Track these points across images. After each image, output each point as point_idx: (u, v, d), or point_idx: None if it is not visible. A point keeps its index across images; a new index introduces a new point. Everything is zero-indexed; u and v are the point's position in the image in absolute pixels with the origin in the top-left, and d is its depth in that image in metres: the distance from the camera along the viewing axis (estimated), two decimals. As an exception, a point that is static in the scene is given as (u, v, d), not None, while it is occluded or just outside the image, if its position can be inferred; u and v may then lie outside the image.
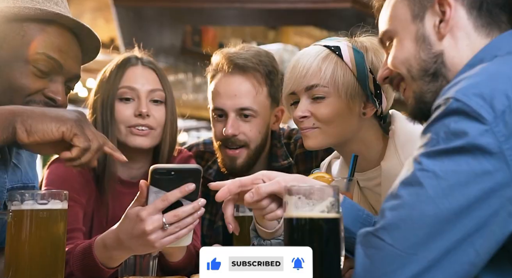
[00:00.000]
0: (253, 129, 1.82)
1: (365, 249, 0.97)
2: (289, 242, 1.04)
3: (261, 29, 6.54)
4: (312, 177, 1.36)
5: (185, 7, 4.26)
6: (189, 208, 1.13)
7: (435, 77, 1.13)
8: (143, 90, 1.67)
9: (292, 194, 1.04)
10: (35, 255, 1.08)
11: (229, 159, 1.84)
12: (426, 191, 0.94)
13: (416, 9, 1.15)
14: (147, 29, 4.61)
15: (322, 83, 1.47)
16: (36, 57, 1.33)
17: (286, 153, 1.91)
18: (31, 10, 1.33)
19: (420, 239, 0.93)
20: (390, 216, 0.96)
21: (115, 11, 4.20)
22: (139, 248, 1.19)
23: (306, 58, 1.50)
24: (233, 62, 1.81)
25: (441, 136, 0.95)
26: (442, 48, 1.12)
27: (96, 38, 1.46)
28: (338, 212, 1.04)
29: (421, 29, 1.14)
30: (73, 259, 1.29)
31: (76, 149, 1.10)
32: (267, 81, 1.84)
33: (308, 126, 1.50)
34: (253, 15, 4.58)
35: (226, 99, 1.81)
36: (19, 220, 1.08)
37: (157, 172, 1.13)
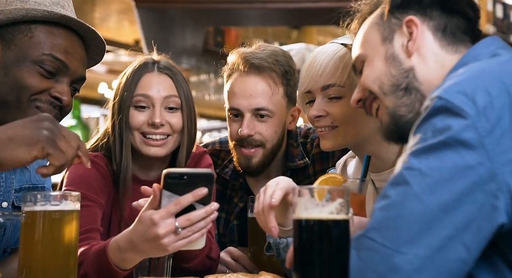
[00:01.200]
0: (269, 129, 1.82)
1: (358, 252, 0.99)
2: (298, 244, 1.04)
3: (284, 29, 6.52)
4: (324, 177, 1.35)
5: (207, 8, 4.27)
6: (201, 212, 1.14)
7: (408, 91, 1.17)
8: (157, 98, 1.66)
9: (301, 195, 1.03)
10: (48, 256, 1.10)
11: (244, 158, 1.84)
12: (413, 188, 0.95)
13: (386, 32, 1.22)
14: (170, 31, 4.64)
15: (339, 83, 1.46)
16: (42, 58, 1.37)
17: (302, 153, 1.91)
18: (38, 12, 1.37)
19: (410, 237, 0.94)
20: (379, 216, 0.99)
21: (138, 13, 4.24)
22: (152, 251, 1.20)
23: (323, 56, 1.49)
24: (249, 62, 1.81)
25: (429, 135, 0.97)
26: (412, 65, 1.17)
27: (101, 41, 1.50)
28: (347, 214, 1.03)
29: (391, 49, 1.20)
30: (87, 260, 1.31)
31: (51, 167, 1.10)
32: (283, 81, 1.83)
33: (325, 125, 1.48)
34: (274, 15, 4.57)
35: (242, 100, 1.81)
36: (32, 221, 1.09)
37: (170, 176, 1.14)
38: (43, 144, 1.08)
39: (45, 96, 1.38)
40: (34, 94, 1.37)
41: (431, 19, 1.19)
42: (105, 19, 8.05)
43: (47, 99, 1.38)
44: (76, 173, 1.62)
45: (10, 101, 1.35)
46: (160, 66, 1.72)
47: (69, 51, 1.41)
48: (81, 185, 1.56)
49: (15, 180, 1.47)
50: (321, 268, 1.00)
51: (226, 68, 1.87)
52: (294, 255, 1.05)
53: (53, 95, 1.39)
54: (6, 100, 1.35)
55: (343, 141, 1.49)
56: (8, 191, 1.44)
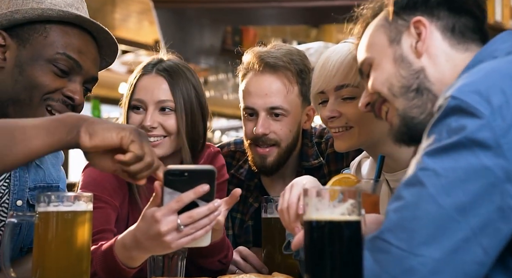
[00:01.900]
0: (283, 128, 1.81)
1: (373, 254, 0.97)
2: (309, 245, 1.03)
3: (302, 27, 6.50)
4: (337, 178, 1.34)
5: (224, 7, 4.28)
6: (204, 209, 1.13)
7: (419, 92, 1.15)
8: (150, 102, 1.66)
9: (312, 196, 1.03)
10: (61, 256, 1.11)
11: (259, 157, 1.84)
12: (428, 189, 0.94)
13: (393, 34, 1.20)
14: (188, 31, 4.66)
15: (352, 84, 1.45)
16: (56, 57, 1.39)
17: (317, 152, 1.90)
18: (54, 12, 1.39)
19: (425, 238, 0.93)
20: (394, 217, 0.97)
21: (156, 13, 4.26)
22: (156, 249, 1.20)
23: (336, 56, 1.47)
24: (264, 61, 1.80)
25: (444, 135, 0.95)
26: (422, 65, 1.15)
27: (114, 43, 1.52)
28: (359, 215, 1.02)
29: (399, 50, 1.18)
30: (96, 259, 1.32)
31: (130, 153, 1.11)
32: (298, 80, 1.82)
33: (338, 125, 1.47)
34: (291, 14, 4.56)
35: (257, 98, 1.80)
36: (45, 221, 1.10)
37: (171, 173, 1.13)
38: (132, 131, 1.12)
39: (57, 95, 1.40)
40: (47, 93, 1.39)
41: (438, 19, 1.17)
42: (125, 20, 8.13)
43: (59, 98, 1.41)
44: (90, 176, 1.64)
45: (23, 100, 1.37)
46: (159, 68, 1.70)
47: (83, 51, 1.44)
48: (95, 188, 1.57)
49: (29, 179, 1.50)
50: (332, 269, 0.99)
51: (241, 67, 1.88)
52: (305, 256, 1.04)
53: (66, 94, 1.41)
54: (19, 98, 1.37)
55: (357, 141, 1.47)
56: (23, 189, 1.47)
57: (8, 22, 1.39)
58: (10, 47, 1.39)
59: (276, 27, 5.82)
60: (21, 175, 1.47)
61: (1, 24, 1.39)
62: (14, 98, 1.37)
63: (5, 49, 1.39)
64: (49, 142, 1.10)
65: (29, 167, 1.50)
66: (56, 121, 1.13)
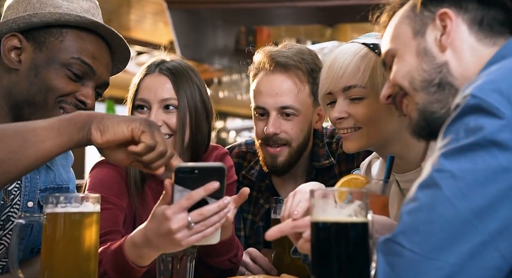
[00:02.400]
0: (294, 127, 1.81)
1: (385, 257, 0.95)
2: (315, 247, 1.02)
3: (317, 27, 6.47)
4: (346, 179, 1.32)
5: (237, 8, 4.29)
6: (214, 206, 1.13)
7: (441, 87, 1.12)
8: (154, 101, 1.67)
9: (318, 197, 1.02)
10: (69, 257, 1.11)
11: (270, 157, 1.83)
12: (443, 192, 0.91)
13: (417, 26, 1.16)
14: (201, 31, 4.67)
15: (360, 84, 1.43)
16: (71, 61, 1.42)
17: (328, 153, 1.89)
18: (71, 17, 1.42)
19: (440, 242, 0.90)
20: (408, 219, 0.94)
21: (169, 14, 4.28)
22: (166, 247, 1.20)
23: (344, 57, 1.46)
24: (275, 60, 1.80)
25: (461, 135, 0.92)
26: (446, 59, 1.12)
27: (127, 49, 1.54)
28: (366, 216, 1.01)
29: (423, 43, 1.15)
30: (105, 258, 1.32)
31: (142, 144, 1.13)
32: (309, 79, 1.82)
33: (347, 126, 1.46)
34: (305, 13, 4.55)
35: (268, 98, 1.80)
36: (53, 222, 1.11)
37: (181, 170, 1.13)
38: (142, 122, 1.14)
39: (70, 99, 1.43)
40: (61, 96, 1.41)
41: (466, 11, 1.13)
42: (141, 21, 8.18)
43: (72, 102, 1.43)
44: (97, 177, 1.65)
45: (38, 102, 1.39)
46: (163, 68, 1.70)
47: (97, 57, 1.46)
48: (102, 189, 1.58)
49: (40, 180, 1.51)
50: (339, 271, 0.99)
51: (252, 67, 1.87)
52: (311, 258, 1.03)
53: (79, 98, 1.43)
54: (34, 100, 1.40)
55: (367, 142, 1.46)
56: (33, 190, 1.48)
57: (25, 25, 1.41)
58: (26, 49, 1.41)
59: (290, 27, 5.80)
60: (32, 176, 1.48)
61: (18, 27, 1.41)
62: (29, 100, 1.40)
63: (21, 51, 1.42)
64: (61, 142, 1.12)
65: (40, 169, 1.52)
66: (66, 121, 1.14)
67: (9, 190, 1.44)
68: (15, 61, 1.41)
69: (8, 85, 1.41)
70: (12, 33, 1.41)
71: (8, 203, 1.44)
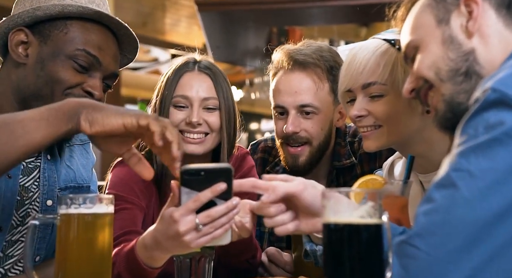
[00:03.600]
0: (314, 126, 1.78)
1: (400, 259, 0.91)
2: (327, 249, 0.99)
3: (351, 27, 6.39)
4: (363, 179, 1.29)
5: (269, 8, 4.26)
6: (222, 208, 1.12)
7: (468, 76, 1.06)
8: (196, 99, 1.68)
9: (329, 198, 0.99)
10: (82, 258, 1.11)
11: (291, 157, 1.81)
12: (461, 192, 0.87)
13: (441, 13, 1.11)
14: (233, 33, 4.67)
15: (380, 81, 1.39)
16: (76, 53, 1.42)
17: (350, 152, 1.85)
18: (73, 8, 1.42)
19: (458, 245, 0.86)
20: (424, 221, 0.90)
21: (200, 16, 4.30)
22: (175, 249, 1.19)
23: (363, 53, 1.43)
24: (293, 58, 1.78)
25: (480, 131, 0.88)
26: (473, 46, 1.06)
27: (134, 39, 1.53)
28: (380, 218, 0.98)
29: (448, 31, 1.09)
30: (119, 260, 1.33)
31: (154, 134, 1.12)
32: (329, 77, 1.79)
33: (367, 124, 1.42)
34: (338, 12, 4.48)
35: (287, 96, 1.78)
36: (66, 223, 1.11)
37: (187, 172, 1.12)
38: (134, 115, 1.13)
39: (78, 91, 1.43)
40: (68, 88, 1.41)
41: None
42: (176, 25, 8.27)
43: (80, 94, 1.43)
44: (118, 176, 1.66)
45: (45, 95, 1.40)
46: (201, 66, 1.73)
47: (102, 47, 1.45)
48: (122, 188, 1.59)
49: (59, 179, 1.53)
50: (351, 274, 0.96)
51: (271, 66, 1.85)
52: (323, 260, 1.00)
53: (86, 89, 1.43)
54: (41, 94, 1.40)
55: (387, 140, 1.42)
56: (52, 189, 1.50)
57: (30, 19, 1.42)
58: (32, 43, 1.42)
59: (322, 27, 5.74)
60: (50, 175, 1.50)
61: (24, 21, 1.42)
62: (36, 94, 1.40)
63: (28, 45, 1.43)
64: (50, 132, 1.12)
65: (58, 168, 1.53)
66: (55, 110, 1.14)
67: (26, 186, 1.46)
68: (22, 56, 1.42)
69: (17, 80, 1.43)
70: (18, 28, 1.43)
71: (27, 199, 1.46)
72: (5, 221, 1.40)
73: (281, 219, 1.13)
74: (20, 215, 1.44)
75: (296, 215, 1.14)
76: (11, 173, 1.41)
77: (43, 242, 1.48)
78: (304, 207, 1.12)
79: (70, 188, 1.54)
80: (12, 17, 1.43)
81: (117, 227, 1.47)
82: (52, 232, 1.49)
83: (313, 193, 1.11)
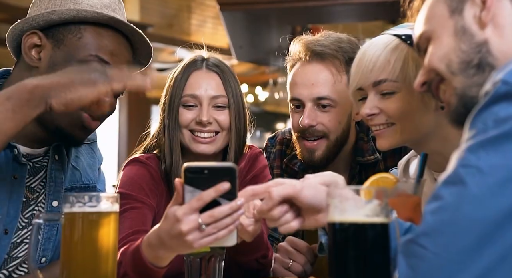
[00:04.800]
0: (332, 119, 1.73)
1: (407, 259, 0.88)
2: (332, 248, 0.96)
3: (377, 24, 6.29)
4: (375, 178, 1.25)
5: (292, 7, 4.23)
6: (226, 208, 1.09)
7: (481, 68, 1.02)
8: (205, 97, 1.66)
9: (334, 197, 0.96)
10: (87, 257, 1.10)
11: (307, 151, 1.76)
12: (470, 189, 0.83)
13: (454, 3, 1.07)
14: (256, 32, 4.66)
15: (391, 78, 1.35)
16: (88, 59, 1.41)
17: (373, 147, 1.79)
18: (88, 13, 1.41)
19: (467, 245, 0.82)
20: (431, 220, 0.86)
21: (223, 16, 4.30)
22: (179, 248, 1.17)
23: (373, 50, 1.39)
24: (310, 49, 1.74)
25: (490, 125, 0.83)
26: (486, 37, 1.02)
27: (148, 45, 1.52)
28: (386, 217, 0.94)
29: (460, 21, 1.05)
30: (125, 259, 1.32)
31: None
32: (348, 68, 1.73)
33: (379, 123, 1.38)
34: (361, 9, 4.43)
35: (303, 89, 1.74)
36: (71, 222, 1.10)
37: (190, 170, 1.10)
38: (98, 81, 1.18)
39: None
40: None
41: None
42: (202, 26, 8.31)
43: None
44: (128, 175, 1.65)
45: None
46: (209, 64, 1.71)
47: (115, 53, 1.44)
48: (132, 187, 1.58)
49: (65, 180, 1.53)
50: (357, 274, 0.93)
51: (289, 58, 1.81)
52: (328, 260, 0.97)
53: None
54: None
55: (401, 138, 1.37)
56: (58, 190, 1.50)
57: (45, 23, 1.42)
58: (45, 47, 1.42)
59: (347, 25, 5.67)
60: (56, 176, 1.50)
61: (38, 24, 1.42)
62: None
63: (41, 49, 1.42)
64: (17, 122, 1.16)
65: (65, 169, 1.53)
66: (17, 100, 1.17)
67: (32, 187, 1.46)
68: (35, 59, 1.42)
69: None
70: (32, 31, 1.42)
71: (32, 200, 1.46)
72: (10, 223, 1.40)
73: (284, 219, 1.12)
74: (25, 216, 1.45)
75: (299, 212, 1.12)
76: (17, 174, 1.42)
77: (49, 243, 1.48)
78: (305, 205, 1.11)
79: (75, 188, 1.55)
80: (27, 20, 1.43)
81: (126, 226, 1.46)
82: (57, 233, 1.49)
83: (311, 192, 1.10)
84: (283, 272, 1.53)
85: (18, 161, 1.41)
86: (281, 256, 1.56)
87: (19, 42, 1.46)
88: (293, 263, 1.54)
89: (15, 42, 1.48)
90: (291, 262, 1.55)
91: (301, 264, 1.53)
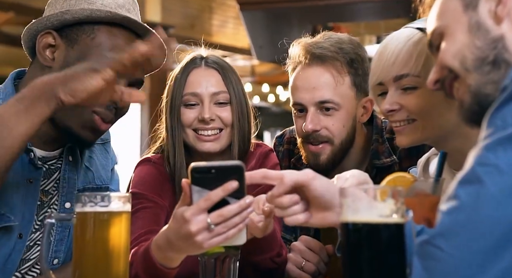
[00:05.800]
0: (336, 123, 1.70)
1: (422, 261, 0.85)
2: (346, 249, 0.94)
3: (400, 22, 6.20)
4: (391, 177, 1.22)
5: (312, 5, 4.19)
6: (235, 207, 1.07)
7: (496, 65, 0.98)
8: (206, 94, 1.65)
9: (347, 195, 0.93)
10: (98, 257, 1.09)
11: (312, 155, 1.73)
12: (488, 188, 0.80)
13: None
14: (276, 31, 4.63)
15: (413, 73, 1.31)
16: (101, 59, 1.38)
17: (389, 149, 1.75)
18: (102, 13, 1.40)
19: (485, 246, 0.79)
20: (447, 220, 0.83)
21: (243, 16, 4.28)
22: (188, 249, 1.16)
23: (395, 43, 1.35)
24: (310, 52, 1.71)
25: (509, 122, 0.80)
26: (502, 32, 0.98)
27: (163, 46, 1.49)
28: (402, 217, 0.91)
29: (475, 17, 1.01)
30: (136, 260, 1.31)
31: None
32: (350, 70, 1.70)
33: (400, 119, 1.35)
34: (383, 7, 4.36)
35: (305, 93, 1.71)
36: (83, 222, 1.10)
37: (197, 170, 1.08)
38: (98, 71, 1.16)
39: None
40: None
41: None
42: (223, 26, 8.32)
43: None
44: (139, 175, 1.65)
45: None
46: (208, 61, 1.70)
47: None
48: (144, 187, 1.58)
49: (78, 181, 1.52)
50: (371, 276, 0.90)
51: (289, 61, 1.79)
52: (342, 261, 0.95)
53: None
54: None
55: (422, 135, 1.33)
56: (71, 191, 1.49)
57: (58, 22, 1.42)
58: (59, 47, 1.42)
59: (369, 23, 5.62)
60: (70, 177, 1.50)
61: (52, 24, 1.42)
62: None
63: (55, 49, 1.42)
64: (33, 121, 1.15)
65: (78, 169, 1.53)
66: (29, 99, 1.16)
67: (46, 189, 1.46)
68: (49, 59, 1.42)
69: None
70: (46, 31, 1.42)
71: (46, 202, 1.46)
72: (25, 227, 1.40)
73: (292, 210, 1.09)
74: (39, 219, 1.45)
75: (307, 207, 1.10)
76: (32, 178, 1.42)
77: (61, 244, 1.48)
78: (315, 197, 1.08)
79: (88, 189, 1.54)
80: (41, 20, 1.43)
81: (138, 226, 1.46)
82: (69, 234, 1.49)
83: (324, 183, 1.08)
84: (297, 272, 1.50)
85: (34, 164, 1.41)
86: (294, 255, 1.53)
87: (34, 43, 1.46)
88: (306, 262, 1.51)
89: (30, 43, 1.49)
90: (304, 261, 1.52)
91: (314, 264, 1.50)
